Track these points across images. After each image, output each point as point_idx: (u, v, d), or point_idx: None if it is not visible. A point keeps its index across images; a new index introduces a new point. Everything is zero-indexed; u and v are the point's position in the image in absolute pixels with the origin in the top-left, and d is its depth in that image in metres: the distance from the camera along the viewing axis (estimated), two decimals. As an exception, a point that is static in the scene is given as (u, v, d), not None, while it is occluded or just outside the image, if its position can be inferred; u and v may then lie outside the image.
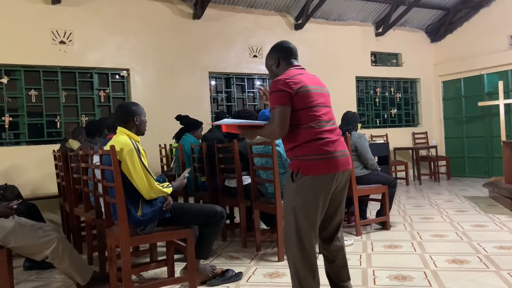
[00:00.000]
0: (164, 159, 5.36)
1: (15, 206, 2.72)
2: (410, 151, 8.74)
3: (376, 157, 6.20)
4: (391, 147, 7.92)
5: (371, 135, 8.17)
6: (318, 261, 2.22)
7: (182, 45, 6.51)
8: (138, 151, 2.68)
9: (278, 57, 2.36)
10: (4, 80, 5.35)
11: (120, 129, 2.80)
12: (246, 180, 3.92)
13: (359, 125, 4.67)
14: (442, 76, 9.21)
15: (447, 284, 2.74)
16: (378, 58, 8.80)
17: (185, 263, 3.01)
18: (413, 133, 8.98)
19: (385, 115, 8.88)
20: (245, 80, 7.25)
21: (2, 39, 5.25)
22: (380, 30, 8.50)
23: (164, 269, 3.25)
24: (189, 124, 4.87)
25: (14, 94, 5.46)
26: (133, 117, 2.79)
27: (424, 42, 9.23)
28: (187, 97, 6.48)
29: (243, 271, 3.18)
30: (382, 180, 4.39)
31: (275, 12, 7.41)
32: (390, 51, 8.85)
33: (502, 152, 5.61)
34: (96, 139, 4.15)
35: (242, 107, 7.03)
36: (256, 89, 7.11)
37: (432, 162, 8.48)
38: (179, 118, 4.92)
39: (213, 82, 7.00)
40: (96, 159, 2.96)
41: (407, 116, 9.19)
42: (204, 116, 6.40)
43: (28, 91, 5.50)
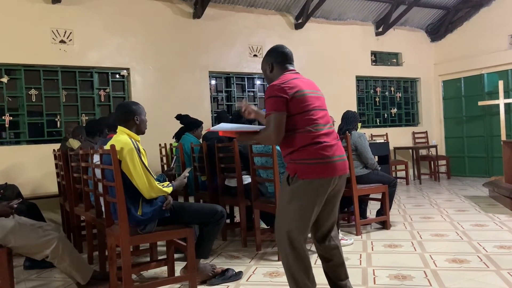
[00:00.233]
0: (164, 159, 5.36)
1: (15, 206, 2.72)
2: (410, 150, 8.74)
3: (376, 157, 6.20)
4: (391, 147, 7.91)
5: (371, 134, 8.17)
6: (317, 261, 2.22)
7: (182, 45, 6.51)
8: (138, 150, 2.68)
9: (272, 62, 2.36)
10: (4, 79, 5.35)
11: (120, 128, 2.80)
12: (246, 179, 3.92)
13: (359, 125, 4.67)
14: (442, 75, 9.20)
15: (447, 283, 2.74)
16: (378, 58, 8.79)
17: (185, 263, 3.01)
18: (413, 133, 8.98)
19: (385, 115, 8.88)
20: (245, 79, 7.25)
21: (2, 38, 5.26)
22: (380, 29, 8.49)
23: (164, 268, 3.25)
24: (189, 124, 4.87)
25: (14, 94, 5.46)
26: (133, 117, 2.79)
27: (424, 41, 9.23)
28: (187, 96, 6.49)
29: (243, 270, 3.18)
30: (382, 179, 4.39)
31: (275, 12, 7.41)
32: (390, 51, 8.84)
33: (502, 152, 5.61)
34: (96, 139, 4.14)
35: (242, 107, 7.01)
36: (237, 107, 6.98)
37: (432, 162, 8.48)
38: (179, 117, 4.92)
39: (213, 82, 7.00)
40: (96, 159, 2.96)
41: (407, 115, 9.19)
42: (204, 116, 6.40)
43: (28, 90, 5.50)
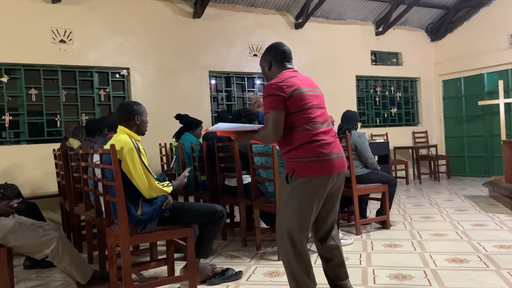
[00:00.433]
0: (164, 158, 5.36)
1: (15, 205, 2.72)
2: (410, 150, 8.74)
3: (376, 156, 6.19)
4: (391, 146, 7.91)
5: (371, 134, 8.17)
6: (317, 260, 2.22)
7: (182, 44, 6.50)
8: (138, 150, 2.68)
9: (270, 59, 2.36)
10: (4, 79, 5.35)
11: (120, 128, 2.80)
12: (246, 179, 3.92)
13: (359, 124, 4.67)
14: (442, 75, 9.20)
15: (447, 283, 2.74)
16: (378, 57, 8.79)
17: (185, 262, 3.01)
18: (413, 132, 8.98)
19: (385, 114, 8.87)
20: (245, 79, 7.25)
21: (2, 38, 5.25)
22: (380, 29, 8.49)
23: (164, 268, 3.25)
24: (188, 123, 4.87)
25: (14, 93, 5.46)
26: (133, 116, 2.79)
27: (424, 41, 9.22)
28: (187, 96, 6.48)
29: (243, 270, 3.18)
30: (382, 179, 4.39)
31: (275, 11, 7.40)
32: (390, 50, 8.84)
33: (502, 151, 5.61)
34: (96, 138, 4.14)
35: (242, 106, 7.04)
36: (248, 98, 7.03)
37: (432, 161, 8.48)
38: (179, 117, 4.92)
39: (213, 81, 7.00)
40: (96, 158, 2.96)
41: (407, 115, 9.19)
42: (204, 115, 6.40)
43: (28, 90, 5.50)
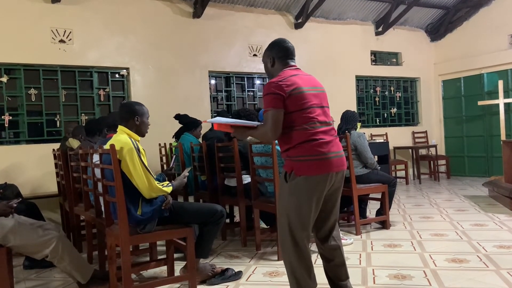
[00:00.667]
0: (164, 158, 5.35)
1: (15, 205, 2.72)
2: (410, 150, 8.73)
3: (376, 156, 6.19)
4: (391, 146, 7.91)
5: (371, 134, 8.17)
6: (317, 260, 2.22)
7: (182, 44, 6.50)
8: (138, 150, 2.68)
9: (274, 56, 2.35)
10: (4, 79, 5.34)
11: (120, 127, 2.80)
12: (246, 179, 3.92)
13: (358, 124, 4.67)
14: (442, 75, 9.20)
15: (446, 283, 2.74)
16: (378, 57, 8.79)
17: (185, 262, 3.01)
18: (413, 132, 8.98)
19: (385, 114, 8.87)
20: (245, 79, 7.25)
21: (2, 38, 5.25)
22: (380, 29, 8.49)
23: (164, 268, 3.25)
24: (187, 123, 4.86)
25: (14, 93, 5.46)
26: (134, 117, 2.79)
27: (424, 41, 9.22)
28: (187, 96, 6.48)
29: (242, 270, 3.18)
30: (382, 179, 4.39)
31: (275, 11, 7.40)
32: (390, 50, 8.84)
33: (502, 151, 5.61)
34: (96, 138, 4.14)
35: (242, 106, 7.04)
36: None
37: (432, 161, 8.48)
38: (178, 117, 4.92)
39: (213, 81, 7.00)
40: (96, 158, 2.96)
41: (407, 115, 9.19)
42: (204, 115, 6.39)
43: (28, 90, 5.50)
